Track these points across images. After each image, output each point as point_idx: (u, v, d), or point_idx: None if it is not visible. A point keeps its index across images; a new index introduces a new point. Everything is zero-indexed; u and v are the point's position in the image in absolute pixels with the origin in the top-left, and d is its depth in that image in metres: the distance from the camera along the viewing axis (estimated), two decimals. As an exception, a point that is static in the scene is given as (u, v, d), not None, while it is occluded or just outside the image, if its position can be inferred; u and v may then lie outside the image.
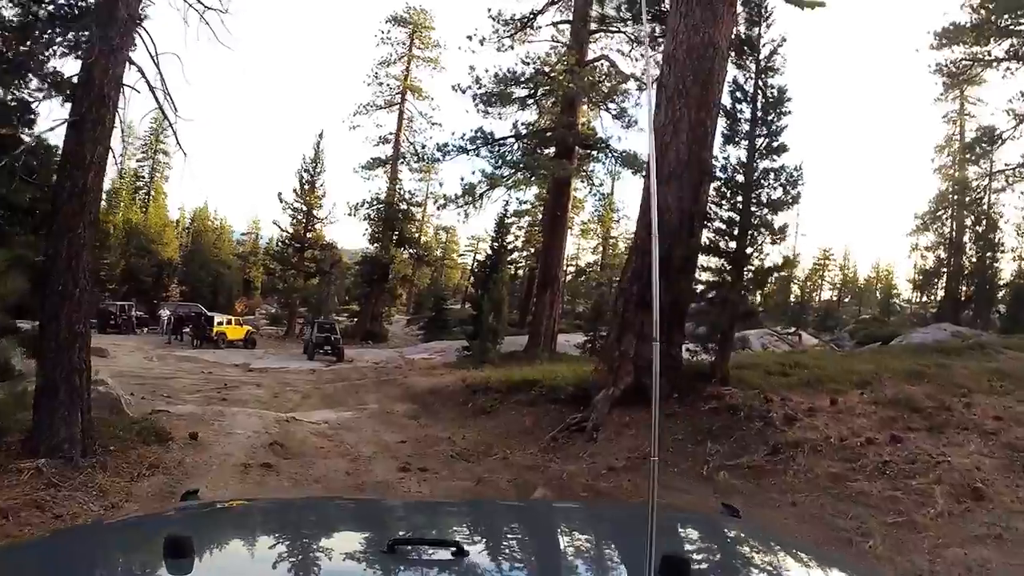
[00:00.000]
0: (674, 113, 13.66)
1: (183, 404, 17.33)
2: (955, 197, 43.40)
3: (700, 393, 12.17)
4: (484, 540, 2.01)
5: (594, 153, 35.20)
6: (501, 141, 34.06)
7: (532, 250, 50.88)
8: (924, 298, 52.88)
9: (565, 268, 41.82)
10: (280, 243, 46.58)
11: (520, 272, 52.94)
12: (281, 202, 45.58)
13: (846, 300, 71.17)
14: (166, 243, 53.38)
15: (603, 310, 36.80)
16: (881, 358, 16.97)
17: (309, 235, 46.01)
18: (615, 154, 33.77)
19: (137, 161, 62.20)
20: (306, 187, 45.42)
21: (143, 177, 61.89)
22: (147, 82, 8.91)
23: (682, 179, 13.31)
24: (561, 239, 35.41)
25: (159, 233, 52.97)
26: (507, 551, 1.98)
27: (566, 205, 35.57)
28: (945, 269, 44.16)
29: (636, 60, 33.07)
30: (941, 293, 46.44)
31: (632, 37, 33.23)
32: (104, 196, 43.56)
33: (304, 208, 45.55)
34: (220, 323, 37.49)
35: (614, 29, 34.09)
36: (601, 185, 40.71)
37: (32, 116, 10.19)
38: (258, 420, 14.75)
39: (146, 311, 44.87)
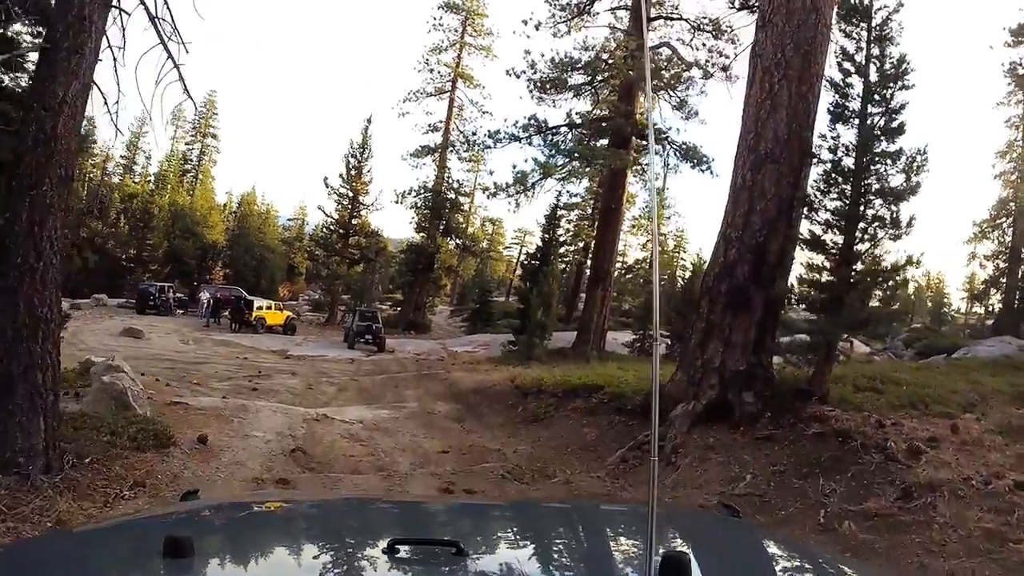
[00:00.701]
0: (771, 86, 11.58)
1: (207, 395, 15.97)
2: (1016, 204, 40.38)
3: (799, 414, 10.05)
4: (484, 540, 1.96)
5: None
6: (554, 130, 32.13)
7: (580, 244, 48.89)
8: (978, 308, 49.97)
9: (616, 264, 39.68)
10: (324, 228, 45.13)
11: (566, 267, 50.81)
12: (327, 187, 44.35)
13: (893, 307, 67.63)
14: (212, 226, 52.32)
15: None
16: (964, 373, 15.12)
17: (354, 221, 44.55)
18: (674, 146, 31.81)
19: (186, 144, 61.89)
20: (353, 172, 43.92)
21: (191, 160, 61.33)
22: (144, 6, 7.01)
23: (780, 161, 11.23)
24: (615, 233, 33.36)
25: (205, 216, 51.96)
26: (507, 551, 1.89)
27: (621, 198, 33.46)
28: (1004, 279, 41.22)
29: (697, 49, 31.31)
30: (997, 304, 43.49)
31: (694, 25, 31.47)
32: (151, 177, 42.89)
33: (350, 194, 44.07)
34: (259, 307, 36.06)
35: (675, 16, 32.49)
36: (656, 179, 38.57)
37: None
38: (283, 418, 13.09)
39: (186, 293, 43.65)
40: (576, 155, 30.36)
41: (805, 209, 11.13)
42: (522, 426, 13.57)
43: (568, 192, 37.45)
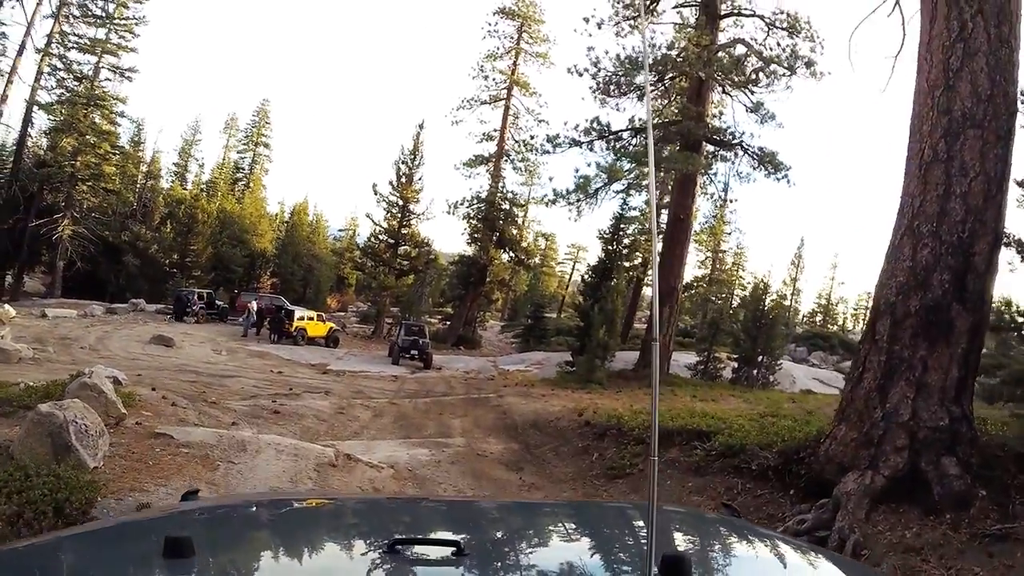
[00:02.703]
0: (963, 23, 7.94)
1: (218, 418, 13.58)
2: None
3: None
4: (484, 540, 1.91)
5: (721, 152, 29.57)
6: (618, 134, 28.70)
7: (638, 260, 45.25)
8: None
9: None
10: (372, 237, 42.11)
11: (628, 282, 47.27)
12: (376, 194, 41.04)
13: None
14: (261, 234, 50.10)
15: (720, 327, 31.98)
16: None
17: (403, 231, 41.31)
18: (750, 151, 28.16)
19: (238, 152, 60.67)
20: (403, 180, 40.72)
21: (243, 168, 59.92)
22: None
23: (984, 126, 7.58)
24: (683, 246, 29.78)
25: (254, 224, 49.58)
26: (507, 551, 1.84)
27: (690, 208, 29.89)
28: None
29: (771, 49, 27.79)
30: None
31: (768, 22, 27.98)
32: (203, 185, 40.77)
33: (400, 202, 40.85)
34: (301, 318, 32.90)
35: (747, 12, 29.22)
36: (725, 190, 34.86)
37: None
38: (290, 462, 9.87)
39: (227, 301, 40.88)
40: (644, 159, 26.74)
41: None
42: (601, 484, 10.05)
43: (628, 205, 34.03)
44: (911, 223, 7.51)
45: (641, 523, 1.89)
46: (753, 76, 27.21)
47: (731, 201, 33.54)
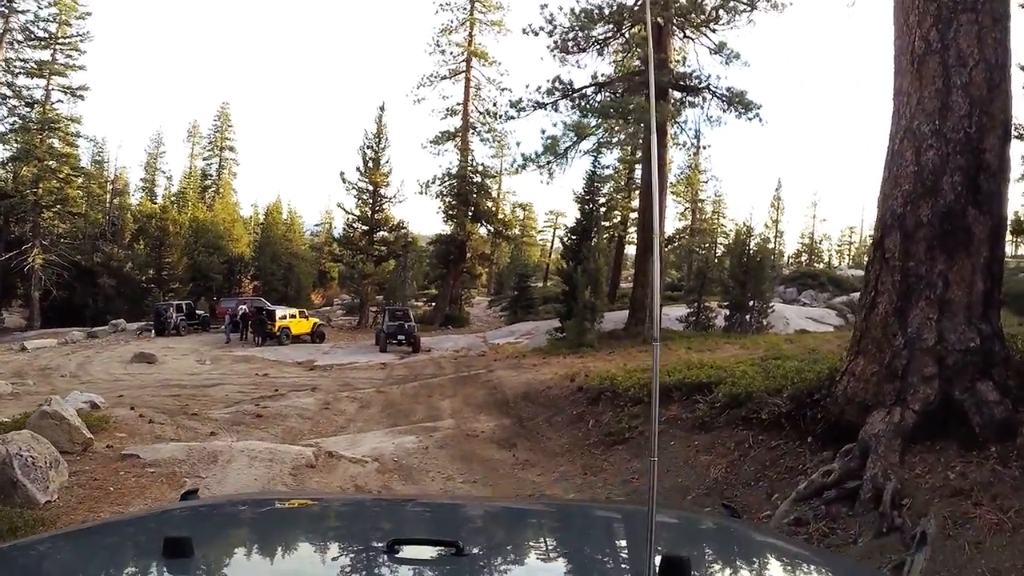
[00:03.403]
0: None
1: (197, 429, 12.73)
2: None
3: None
4: (484, 540, 1.85)
5: (689, 98, 28.42)
6: (582, 91, 27.57)
7: (617, 219, 44.27)
8: None
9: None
10: (347, 227, 40.91)
11: (608, 241, 46.29)
12: (344, 182, 39.82)
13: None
14: (237, 239, 48.68)
15: (707, 276, 31.26)
16: None
17: (377, 216, 40.14)
18: (717, 93, 27.10)
19: (204, 159, 59.35)
20: (370, 164, 39.41)
21: (210, 175, 58.64)
22: None
23: (978, 9, 6.56)
24: (661, 197, 28.68)
25: (228, 229, 48.13)
26: (507, 551, 1.79)
27: (664, 158, 28.81)
28: None
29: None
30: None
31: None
32: (173, 198, 39.58)
33: (370, 188, 39.65)
34: (283, 317, 31.81)
35: None
36: (697, 137, 33.79)
37: None
38: (263, 469, 9.14)
39: (207, 309, 39.66)
40: (611, 112, 25.64)
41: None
42: (600, 453, 9.13)
43: (599, 164, 32.93)
44: (910, 124, 6.50)
45: (641, 524, 1.82)
46: (713, 15, 26.04)
47: (704, 148, 32.36)
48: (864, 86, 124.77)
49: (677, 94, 28.41)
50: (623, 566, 1.74)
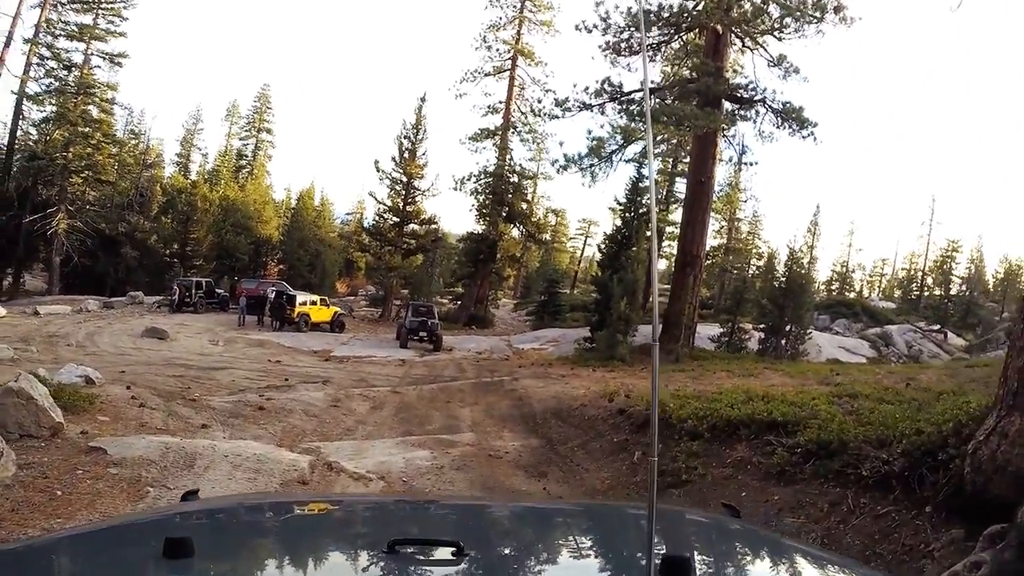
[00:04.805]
0: None
1: (190, 419, 11.53)
2: None
3: None
4: (484, 540, 1.81)
5: (741, 111, 26.74)
6: (631, 95, 25.98)
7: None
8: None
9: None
10: (377, 216, 39.66)
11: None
12: (378, 171, 38.61)
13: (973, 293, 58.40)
14: (266, 221, 47.60)
15: (744, 297, 29.81)
16: None
17: (408, 208, 38.81)
18: (772, 107, 25.43)
19: (241, 140, 58.74)
20: (406, 155, 38.10)
21: (246, 155, 57.95)
22: None
23: None
24: (705, 210, 27.21)
25: (258, 211, 47.03)
26: (507, 551, 1.77)
27: (712, 170, 27.14)
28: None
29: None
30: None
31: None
32: (206, 174, 38.60)
33: (404, 179, 38.36)
34: (303, 303, 30.59)
35: None
36: (741, 153, 32.01)
37: None
38: (246, 483, 7.81)
39: (227, 289, 38.49)
40: (663, 117, 24.00)
41: None
42: (647, 491, 7.60)
43: (643, 174, 31.25)
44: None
45: (641, 524, 1.79)
46: (777, 24, 24.34)
47: (750, 165, 30.64)
48: (913, 116, 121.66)
49: (729, 105, 26.81)
50: (624, 566, 1.67)
